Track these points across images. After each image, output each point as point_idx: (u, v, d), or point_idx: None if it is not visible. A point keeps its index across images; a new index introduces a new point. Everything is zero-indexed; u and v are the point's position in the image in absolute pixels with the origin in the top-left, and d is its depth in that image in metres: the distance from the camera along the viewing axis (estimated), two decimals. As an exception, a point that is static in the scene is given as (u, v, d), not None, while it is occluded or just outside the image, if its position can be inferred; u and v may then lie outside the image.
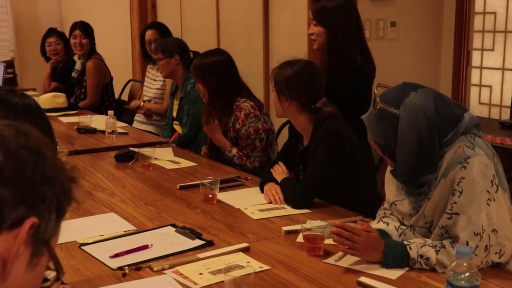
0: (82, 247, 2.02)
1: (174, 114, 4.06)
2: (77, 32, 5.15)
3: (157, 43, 4.16)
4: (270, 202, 2.49)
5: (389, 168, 2.04)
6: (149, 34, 4.63)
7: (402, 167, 1.86)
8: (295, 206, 2.43)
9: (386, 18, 4.26)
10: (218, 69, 3.19)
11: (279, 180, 2.58)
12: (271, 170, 2.65)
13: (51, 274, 0.83)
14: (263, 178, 2.66)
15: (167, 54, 3.99)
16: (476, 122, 1.87)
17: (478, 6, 4.42)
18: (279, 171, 2.63)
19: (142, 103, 4.62)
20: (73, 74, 5.25)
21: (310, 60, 2.73)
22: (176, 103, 4.07)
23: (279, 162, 2.68)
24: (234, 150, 3.13)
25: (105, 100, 5.17)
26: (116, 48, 6.32)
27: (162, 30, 4.65)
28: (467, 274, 1.46)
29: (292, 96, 2.52)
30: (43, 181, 0.79)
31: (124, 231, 2.18)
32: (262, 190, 2.61)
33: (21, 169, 0.77)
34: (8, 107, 1.20)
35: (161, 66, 4.02)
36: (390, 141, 1.85)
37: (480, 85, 4.49)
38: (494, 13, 4.33)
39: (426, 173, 1.83)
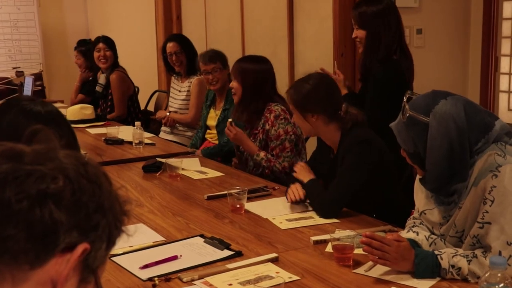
0: (112, 258, 2.03)
1: (212, 123, 4.06)
2: (100, 45, 5.22)
3: (209, 52, 4.09)
4: (292, 202, 2.50)
5: (418, 177, 2.02)
6: (169, 46, 4.66)
7: (432, 176, 1.84)
8: (323, 214, 2.41)
9: (412, 25, 4.23)
10: (258, 73, 3.28)
11: (304, 180, 2.57)
12: (294, 168, 2.66)
13: None
14: (289, 182, 2.66)
15: (224, 64, 4.01)
16: (508, 130, 1.85)
17: (506, 11, 4.36)
18: (303, 170, 2.62)
19: (168, 113, 4.65)
20: (97, 89, 5.31)
21: (319, 72, 2.76)
22: (215, 113, 4.07)
23: (302, 163, 2.68)
24: (262, 154, 3.17)
25: (131, 112, 5.21)
26: (141, 59, 6.38)
27: (183, 41, 4.68)
28: (502, 284, 1.44)
29: (318, 110, 2.52)
30: (98, 210, 0.81)
31: (153, 242, 2.19)
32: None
33: (79, 196, 0.79)
34: (33, 116, 1.22)
35: (218, 77, 3.96)
36: (419, 149, 1.83)
37: (509, 92, 4.44)
38: (522, 18, 4.27)
39: (456, 182, 1.81)
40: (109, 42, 5.24)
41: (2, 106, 1.26)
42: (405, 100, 1.86)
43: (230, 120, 3.29)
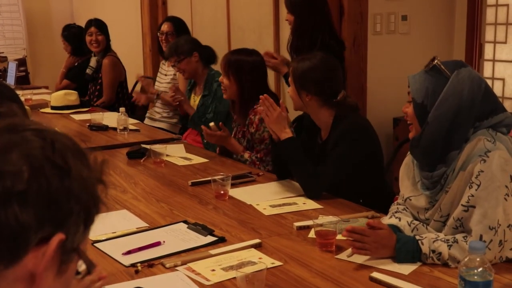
0: (95, 244, 2.03)
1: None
2: (92, 29, 5.17)
3: (168, 47, 4.09)
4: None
5: (404, 163, 2.04)
6: (164, 26, 4.64)
7: (429, 132, 1.84)
8: (307, 194, 2.44)
9: (397, 12, 4.22)
10: (254, 69, 3.13)
11: (279, 135, 2.51)
12: (266, 113, 2.56)
13: (82, 267, 0.84)
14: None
15: (185, 54, 3.95)
16: (509, 123, 1.86)
17: (490, -2, 4.38)
18: (280, 120, 2.53)
19: (159, 93, 4.61)
20: (88, 71, 5.27)
21: (329, 55, 2.73)
22: (194, 99, 4.07)
23: (278, 108, 2.57)
24: (246, 155, 3.08)
25: (119, 98, 5.18)
26: (127, 45, 6.33)
27: (178, 24, 4.65)
28: (480, 269, 1.46)
29: (313, 91, 2.51)
30: (69, 198, 0.78)
31: (137, 228, 2.19)
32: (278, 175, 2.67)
33: (46, 188, 0.75)
34: None
35: (183, 68, 3.97)
36: (428, 101, 1.85)
37: (493, 78, 4.46)
38: (507, 5, 4.28)
39: (450, 148, 1.82)
40: (101, 26, 5.20)
41: None
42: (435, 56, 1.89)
43: (212, 124, 3.14)
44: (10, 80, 5.95)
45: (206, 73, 4.00)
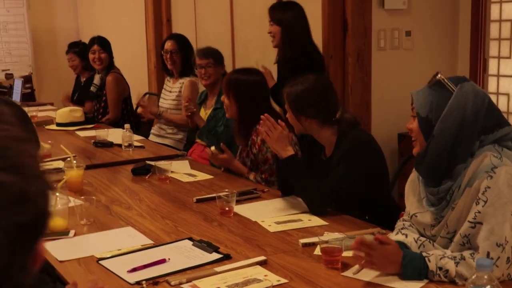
0: (100, 262, 2.02)
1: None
2: (95, 47, 5.20)
3: (204, 49, 4.18)
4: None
5: (409, 179, 2.03)
6: (167, 44, 4.66)
7: (434, 146, 1.84)
8: (311, 210, 2.43)
9: (401, 27, 4.24)
10: (253, 89, 3.12)
11: (281, 153, 2.52)
12: (267, 132, 2.57)
13: None
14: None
15: (218, 61, 4.07)
16: None
17: (494, 14, 4.38)
18: (282, 139, 2.54)
19: (161, 112, 4.63)
20: (92, 89, 5.29)
21: (319, 74, 2.75)
22: (205, 112, 4.10)
23: (282, 123, 2.58)
24: (251, 176, 3.06)
25: (124, 114, 5.20)
26: (132, 61, 6.37)
27: (181, 42, 4.68)
28: (488, 286, 1.44)
29: (311, 114, 2.52)
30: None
31: (142, 245, 2.18)
32: (283, 191, 2.66)
33: None
34: None
35: (211, 72, 4.04)
36: (432, 115, 1.85)
37: (497, 93, 4.45)
38: (510, 20, 4.29)
39: (455, 162, 1.82)
40: (104, 44, 5.23)
41: None
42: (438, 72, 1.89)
43: (212, 148, 3.16)
44: (16, 97, 5.97)
45: (220, 87, 4.04)
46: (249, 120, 3.09)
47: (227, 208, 2.49)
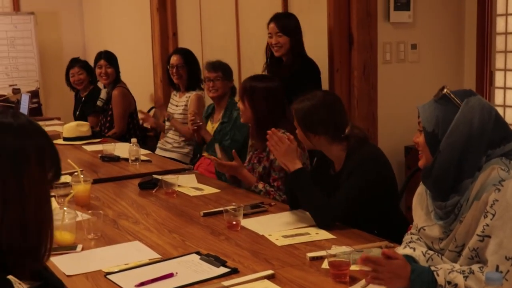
0: (108, 276, 2.02)
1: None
2: (102, 62, 5.23)
3: (216, 62, 4.20)
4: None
5: (417, 193, 2.03)
6: (173, 58, 4.69)
7: (441, 160, 1.83)
8: (318, 224, 2.43)
9: (406, 40, 4.25)
10: (268, 95, 3.14)
11: (289, 166, 2.52)
12: (276, 144, 2.57)
13: None
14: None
15: (226, 75, 4.10)
16: None
17: (500, 26, 4.39)
18: (290, 153, 2.55)
19: (169, 118, 4.65)
20: (98, 103, 5.32)
21: (327, 90, 2.76)
22: (212, 125, 4.11)
23: (290, 136, 2.60)
24: (260, 185, 3.05)
25: (130, 128, 5.22)
26: (138, 75, 6.40)
27: (187, 56, 4.70)
28: (498, 300, 1.44)
29: (319, 131, 2.52)
30: None
31: (149, 259, 2.18)
32: (291, 205, 2.65)
33: None
34: (4, 128, 1.22)
35: (219, 86, 4.07)
36: (439, 130, 1.84)
37: (504, 106, 4.45)
38: (516, 33, 4.30)
39: (462, 177, 1.81)
40: (110, 58, 5.26)
41: None
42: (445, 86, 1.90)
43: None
44: (23, 111, 6.00)
45: (227, 101, 4.05)
46: (266, 124, 3.08)
47: (234, 222, 2.49)
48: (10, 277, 1.15)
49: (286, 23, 3.88)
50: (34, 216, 1.22)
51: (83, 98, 5.67)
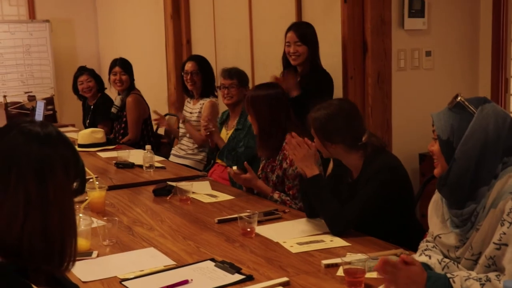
0: (123, 283, 2.03)
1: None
2: (117, 69, 5.26)
3: (232, 69, 4.21)
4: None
5: (432, 200, 2.02)
6: (188, 65, 4.71)
7: (456, 168, 1.83)
8: (332, 231, 2.42)
9: (421, 47, 4.24)
10: (270, 102, 3.14)
11: (306, 172, 2.52)
12: (295, 148, 2.58)
13: None
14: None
15: (242, 83, 4.11)
16: None
17: (515, 33, 4.37)
18: (308, 158, 2.55)
19: (183, 120, 4.67)
20: (113, 110, 5.35)
21: (343, 98, 2.75)
22: (226, 132, 4.12)
23: (308, 141, 2.59)
24: (276, 195, 3.04)
25: (144, 135, 5.24)
26: (152, 83, 6.43)
27: (201, 63, 4.72)
28: (515, 309, 1.42)
29: (337, 140, 2.51)
30: None
31: (164, 266, 2.18)
32: (309, 213, 2.65)
33: None
34: (32, 137, 1.24)
35: (234, 93, 4.09)
36: (453, 138, 1.84)
37: (519, 113, 4.43)
38: (531, 39, 4.28)
39: (478, 184, 1.80)
40: (125, 65, 5.30)
41: (2, 128, 1.27)
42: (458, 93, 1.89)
43: (234, 168, 3.19)
44: (39, 119, 6.04)
45: (241, 108, 4.07)
46: (271, 132, 3.10)
47: (249, 229, 2.49)
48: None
49: (305, 32, 3.89)
50: (57, 224, 1.24)
51: (92, 107, 5.71)
